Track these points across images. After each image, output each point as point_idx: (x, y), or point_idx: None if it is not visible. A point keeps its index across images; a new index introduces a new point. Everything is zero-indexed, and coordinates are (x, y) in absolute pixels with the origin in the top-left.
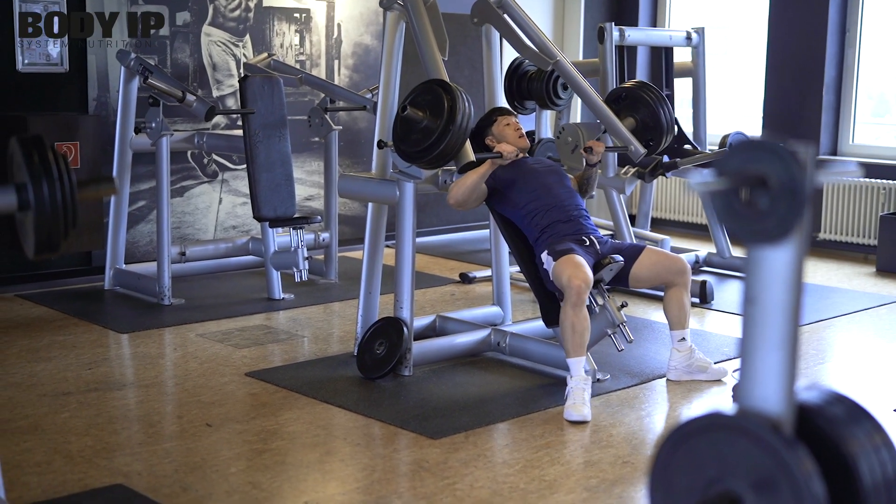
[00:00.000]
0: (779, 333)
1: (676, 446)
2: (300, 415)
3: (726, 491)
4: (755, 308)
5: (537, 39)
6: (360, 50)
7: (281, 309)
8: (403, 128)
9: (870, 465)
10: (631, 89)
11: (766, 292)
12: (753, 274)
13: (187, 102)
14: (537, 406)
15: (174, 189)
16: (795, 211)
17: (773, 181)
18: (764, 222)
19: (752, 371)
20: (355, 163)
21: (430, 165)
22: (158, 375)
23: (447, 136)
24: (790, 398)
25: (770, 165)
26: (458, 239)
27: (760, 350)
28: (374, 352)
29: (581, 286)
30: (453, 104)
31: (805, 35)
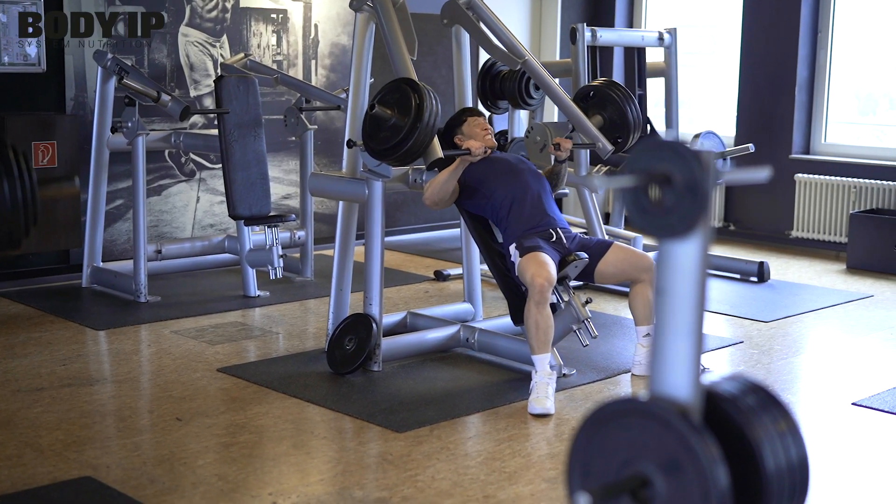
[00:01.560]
0: (686, 323)
1: (593, 430)
2: (269, 409)
3: (637, 472)
4: (664, 299)
5: (506, 39)
6: (337, 50)
7: (256, 306)
8: (372, 126)
9: (773, 451)
10: (599, 87)
11: (674, 284)
12: (662, 267)
13: (162, 102)
14: (503, 400)
15: (152, 188)
16: (698, 207)
17: (678, 179)
18: (669, 218)
19: (662, 359)
20: (332, 162)
21: (398, 162)
22: (132, 371)
23: (415, 133)
24: (697, 384)
25: (674, 164)
26: (433, 237)
27: (669, 339)
28: (344, 348)
29: (544, 284)
30: (421, 102)
31: (778, 36)
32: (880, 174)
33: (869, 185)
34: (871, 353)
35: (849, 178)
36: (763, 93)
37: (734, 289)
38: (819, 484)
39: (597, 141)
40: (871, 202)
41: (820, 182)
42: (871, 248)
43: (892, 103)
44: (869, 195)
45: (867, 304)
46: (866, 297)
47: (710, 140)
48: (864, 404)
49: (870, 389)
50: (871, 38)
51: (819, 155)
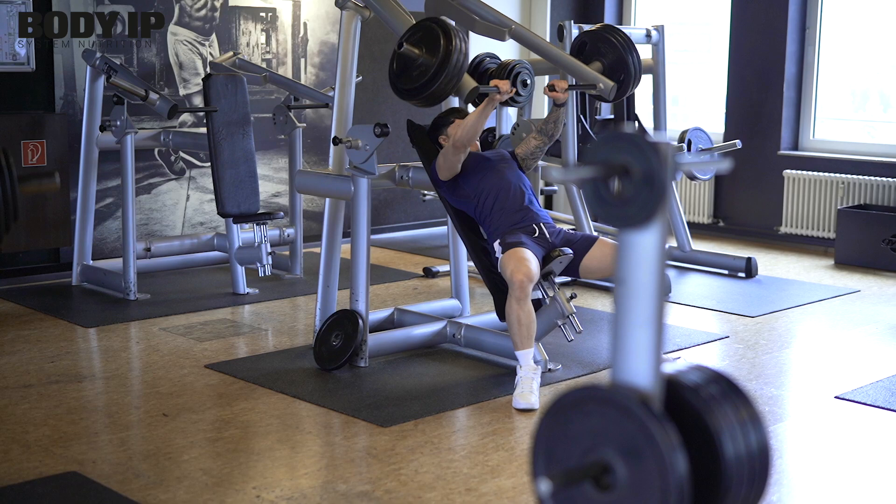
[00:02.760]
0: (645, 312)
1: (556, 417)
2: (256, 405)
3: (598, 459)
4: (624, 288)
5: (490, 14)
6: (327, 48)
7: (245, 303)
8: (399, 65)
9: (733, 439)
10: (596, 32)
11: (633, 273)
12: (622, 257)
13: (150, 101)
14: (488, 395)
15: (142, 186)
16: (656, 198)
17: (636, 171)
18: (628, 209)
19: (622, 348)
20: (321, 160)
21: (425, 103)
22: (119, 368)
23: (443, 73)
24: (657, 373)
25: (632, 156)
26: (422, 234)
27: (630, 328)
28: (331, 343)
29: (523, 280)
30: (449, 42)
31: (766, 32)
32: (868, 170)
33: (856, 180)
34: (855, 348)
35: (837, 173)
36: (751, 89)
37: (721, 284)
38: (801, 477)
39: (597, 82)
40: (858, 198)
41: (808, 178)
42: (858, 243)
43: (882, 99)
44: (856, 191)
45: (854, 298)
46: (853, 293)
47: (697, 136)
48: (846, 398)
49: (853, 383)
50: (860, 34)
51: (807, 151)
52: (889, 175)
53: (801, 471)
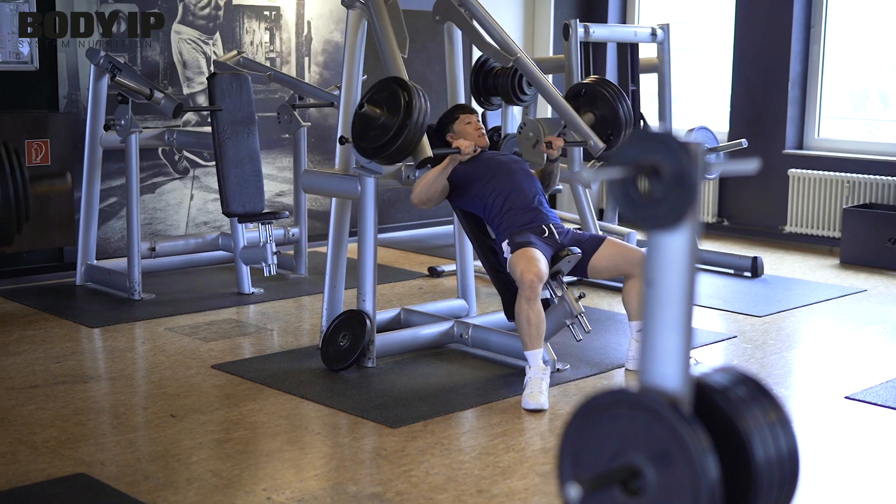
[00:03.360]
0: (675, 314)
1: (583, 421)
2: (264, 405)
3: (627, 463)
4: (653, 290)
5: (498, 36)
6: (330, 47)
7: (250, 303)
8: (362, 124)
9: (763, 441)
10: (590, 85)
11: (663, 275)
12: (651, 258)
13: (155, 100)
14: (497, 396)
15: (146, 185)
16: (686, 199)
17: (666, 171)
18: (658, 210)
19: (651, 350)
20: (326, 159)
21: (387, 161)
22: (126, 368)
23: (404, 132)
24: (686, 376)
25: (662, 156)
26: (427, 234)
27: (659, 330)
28: (338, 344)
29: (533, 280)
30: (409, 101)
31: (771, 31)
32: (873, 169)
33: (862, 179)
34: (864, 347)
35: (842, 172)
36: (756, 88)
37: (728, 284)
38: (812, 477)
39: (588, 139)
40: (864, 197)
41: (813, 177)
42: (864, 242)
43: (882, 98)
44: (862, 190)
45: (860, 298)
46: (860, 292)
47: (703, 135)
48: (857, 398)
49: (863, 383)
50: (862, 32)
51: (812, 150)
52: (895, 174)
53: (813, 471)
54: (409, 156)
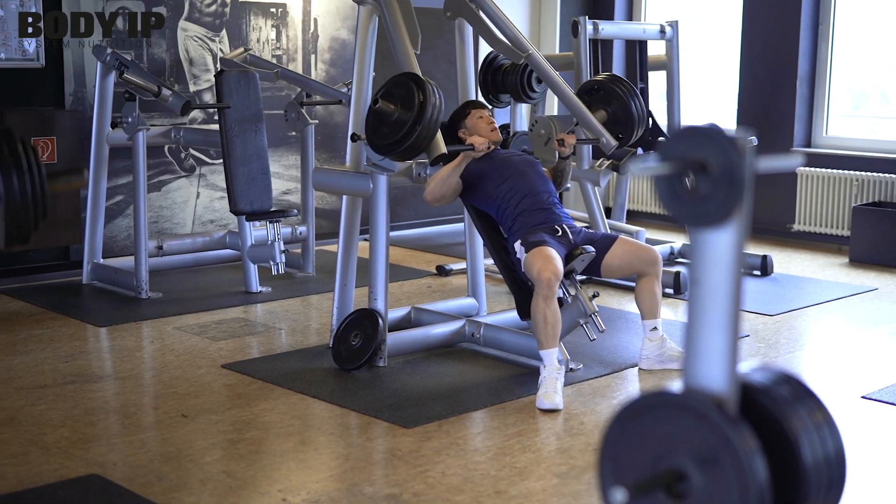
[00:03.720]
0: (721, 313)
1: (625, 423)
2: (276, 405)
3: (672, 467)
4: (699, 289)
5: (510, 33)
6: (337, 44)
7: (258, 302)
8: (375, 120)
9: (811, 443)
10: (603, 82)
11: (709, 274)
12: (697, 256)
13: (163, 97)
14: (510, 395)
15: (152, 184)
16: (735, 195)
17: (714, 166)
18: (705, 206)
19: (696, 350)
20: (332, 157)
21: (401, 158)
22: (135, 368)
23: (417, 128)
24: (733, 376)
25: (710, 151)
26: (434, 232)
27: (704, 330)
28: (350, 343)
29: (551, 278)
30: (424, 97)
31: (779, 29)
32: (882, 167)
33: (871, 177)
34: (877, 347)
35: (851, 171)
36: (764, 86)
37: None
38: None
39: (600, 136)
40: (873, 195)
41: (821, 175)
42: (873, 241)
43: (884, 96)
44: (871, 188)
45: (871, 297)
46: (870, 291)
47: None
48: (874, 398)
49: (879, 383)
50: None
51: (820, 148)
52: None
53: None
54: (423, 152)
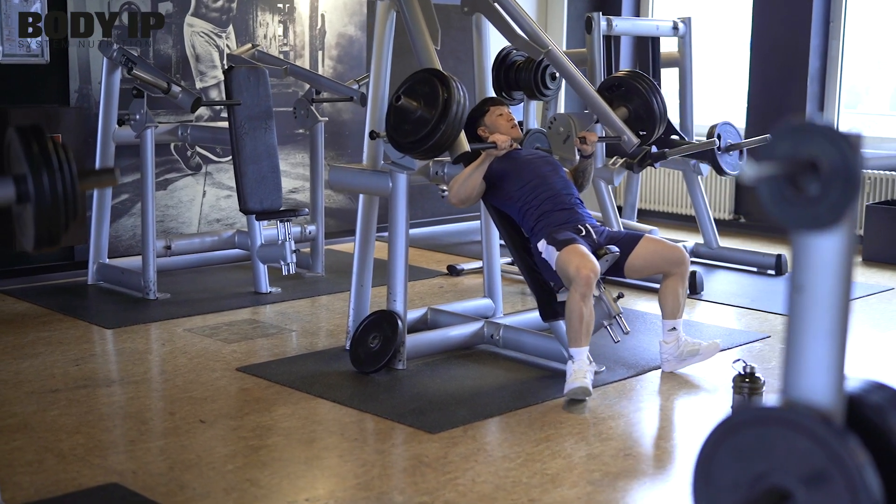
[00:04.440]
0: (828, 322)
1: (721, 440)
2: (294, 410)
3: (776, 486)
4: (803, 296)
5: (528, 28)
6: (344, 41)
7: (268, 303)
8: (397, 118)
9: None
10: (624, 78)
11: (815, 280)
12: (802, 262)
13: (172, 93)
14: (534, 399)
15: (158, 182)
16: (848, 196)
17: (825, 165)
18: (814, 208)
19: (799, 362)
20: (339, 154)
21: (423, 156)
22: (147, 371)
23: (442, 126)
24: (840, 389)
25: (821, 149)
26: (443, 231)
27: (808, 340)
28: (368, 345)
29: (590, 276)
30: (448, 94)
31: (789, 26)
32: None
33: (883, 175)
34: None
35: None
36: (774, 83)
37: (752, 282)
38: None
39: (622, 134)
40: (885, 194)
41: None
42: (887, 239)
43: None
44: (883, 187)
45: (888, 297)
46: (887, 290)
47: (726, 130)
48: None
49: None
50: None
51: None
52: None
53: None
54: (446, 151)
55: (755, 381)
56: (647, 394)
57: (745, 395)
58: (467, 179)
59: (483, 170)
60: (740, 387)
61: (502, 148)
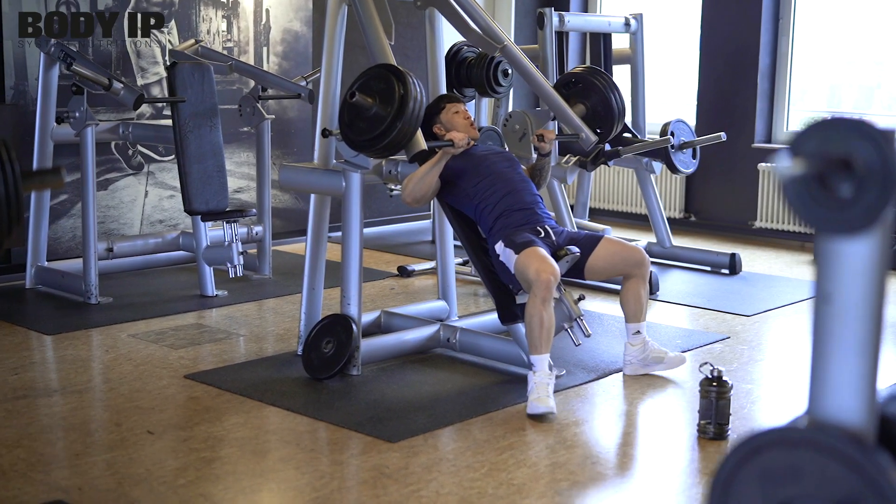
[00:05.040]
0: (858, 335)
1: (742, 463)
2: (247, 419)
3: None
4: (831, 307)
5: (483, 23)
6: (290, 36)
7: (214, 307)
8: (351, 115)
9: None
10: (581, 75)
11: (845, 289)
12: (829, 269)
13: (114, 90)
14: (495, 405)
15: (98, 182)
16: (885, 198)
17: (860, 164)
18: (847, 211)
19: (826, 378)
20: (286, 153)
21: (379, 155)
22: (91, 380)
23: (398, 124)
24: (871, 406)
25: (856, 146)
26: (392, 231)
27: (836, 354)
28: (322, 351)
29: (550, 279)
30: (405, 90)
31: (739, 22)
32: None
33: None
34: None
35: None
36: (724, 80)
37: (707, 281)
38: None
39: (580, 131)
40: None
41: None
42: None
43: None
44: None
45: None
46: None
47: (679, 128)
48: None
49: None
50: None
51: (782, 144)
52: None
53: None
54: (403, 149)
55: (723, 386)
56: (609, 398)
57: (712, 399)
58: (423, 178)
59: (439, 168)
60: (707, 391)
61: (459, 146)
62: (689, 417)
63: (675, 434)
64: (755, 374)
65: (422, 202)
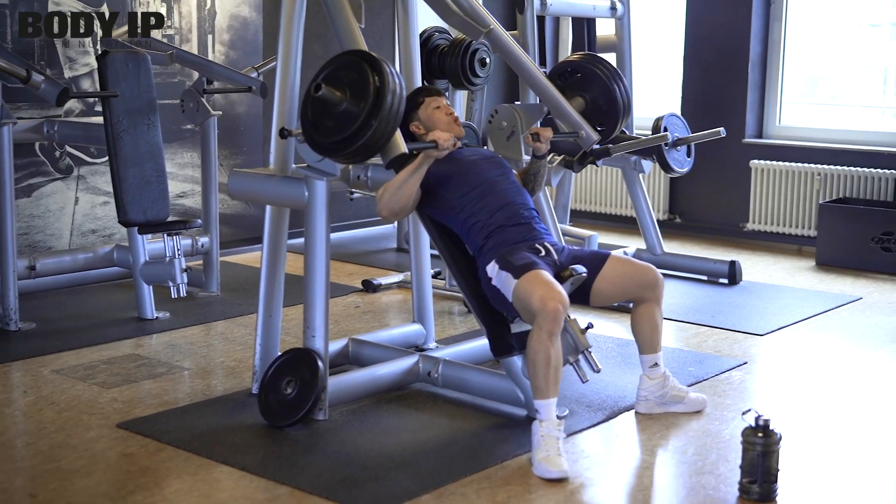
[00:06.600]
0: None
1: None
2: (192, 484)
3: None
4: None
5: (467, 5)
6: (238, 23)
7: (154, 332)
8: (316, 112)
9: None
10: (580, 63)
11: None
12: None
13: (33, 83)
14: (491, 458)
15: (20, 188)
16: None
17: None
18: None
19: None
20: (234, 153)
21: (349, 160)
22: (4, 432)
23: (374, 122)
24: None
25: None
26: (351, 238)
27: None
28: (282, 392)
29: (558, 309)
30: (382, 81)
31: (727, 7)
32: (845, 160)
33: (833, 171)
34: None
35: (811, 164)
36: (712, 71)
37: (706, 293)
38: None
39: (579, 129)
40: (836, 191)
41: (779, 169)
42: (843, 242)
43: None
44: (834, 183)
45: (859, 308)
46: (855, 301)
47: (673, 123)
48: None
49: None
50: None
51: (774, 138)
52: (869, 165)
53: None
54: (378, 153)
55: (770, 436)
56: (625, 445)
57: (757, 453)
58: (401, 187)
59: (421, 175)
60: (752, 443)
61: (444, 148)
62: (724, 471)
63: (712, 495)
64: (788, 411)
65: (401, 215)
